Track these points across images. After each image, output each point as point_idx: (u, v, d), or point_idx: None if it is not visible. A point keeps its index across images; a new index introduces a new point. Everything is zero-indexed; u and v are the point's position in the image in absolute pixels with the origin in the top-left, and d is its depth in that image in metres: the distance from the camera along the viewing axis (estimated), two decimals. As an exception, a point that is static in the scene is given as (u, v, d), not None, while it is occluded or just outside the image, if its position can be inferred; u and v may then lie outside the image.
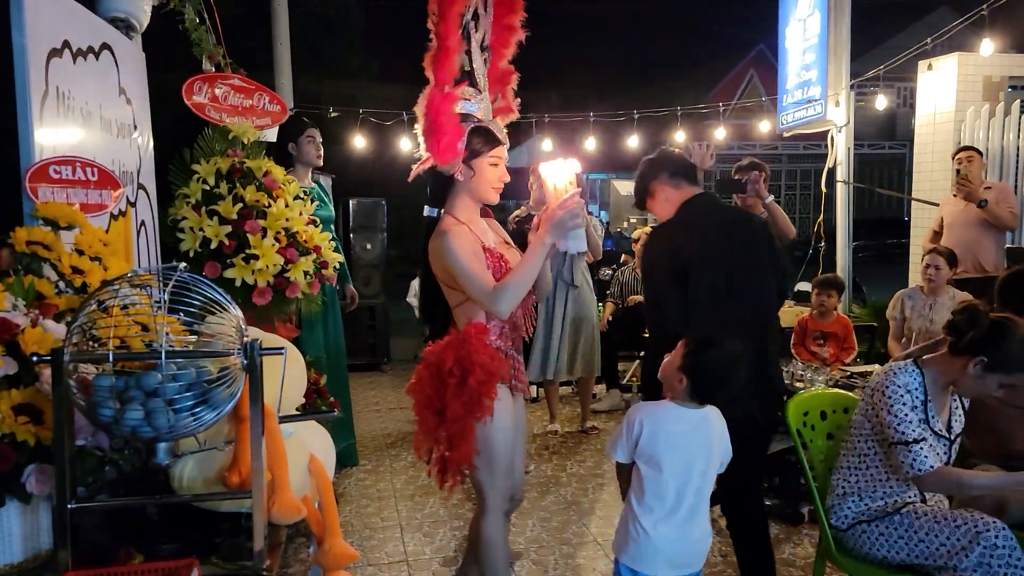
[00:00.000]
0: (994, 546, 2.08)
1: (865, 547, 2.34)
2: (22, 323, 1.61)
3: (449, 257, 2.18)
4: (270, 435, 1.54)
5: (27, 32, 2.00)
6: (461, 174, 2.26)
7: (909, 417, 2.27)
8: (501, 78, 2.38)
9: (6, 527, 1.55)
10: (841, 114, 6.43)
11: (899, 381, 2.32)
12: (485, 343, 2.20)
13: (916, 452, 2.24)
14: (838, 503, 2.43)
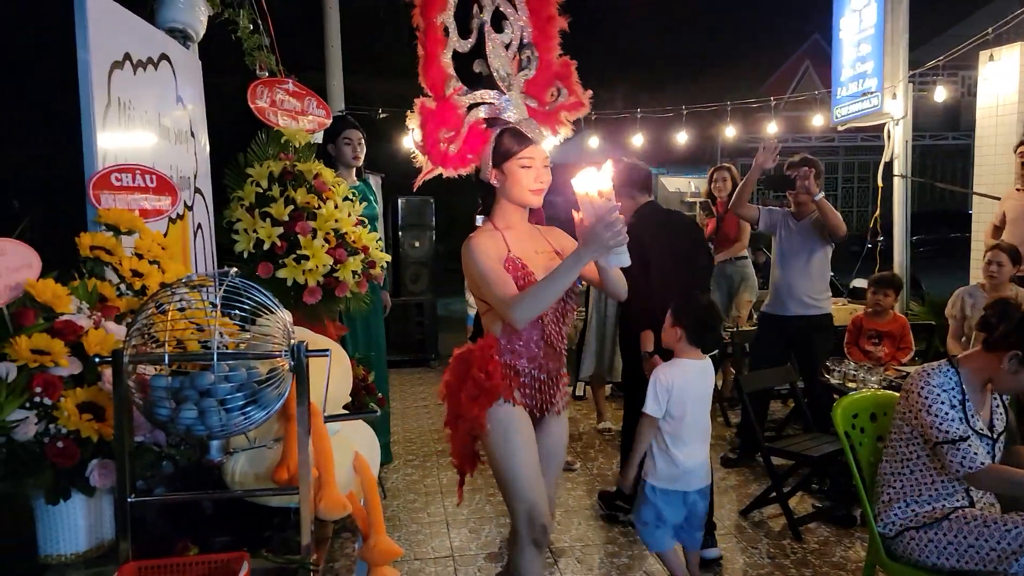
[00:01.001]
0: None
1: (915, 554, 2.31)
2: (86, 325, 1.69)
3: (470, 261, 2.18)
4: (316, 433, 1.60)
5: (90, 47, 2.09)
6: (495, 179, 2.24)
7: (950, 416, 2.25)
8: (560, 72, 2.31)
9: (72, 518, 1.64)
10: (899, 106, 6.27)
11: (934, 381, 2.30)
12: (489, 357, 2.18)
13: (965, 450, 2.21)
14: (884, 510, 2.40)
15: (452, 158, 2.20)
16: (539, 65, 2.27)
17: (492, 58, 2.23)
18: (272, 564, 1.55)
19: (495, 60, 2.23)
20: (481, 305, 2.27)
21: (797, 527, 3.44)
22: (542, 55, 2.27)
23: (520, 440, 2.20)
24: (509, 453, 2.18)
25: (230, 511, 1.74)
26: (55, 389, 1.56)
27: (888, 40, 6.22)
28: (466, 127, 2.20)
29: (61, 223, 2.09)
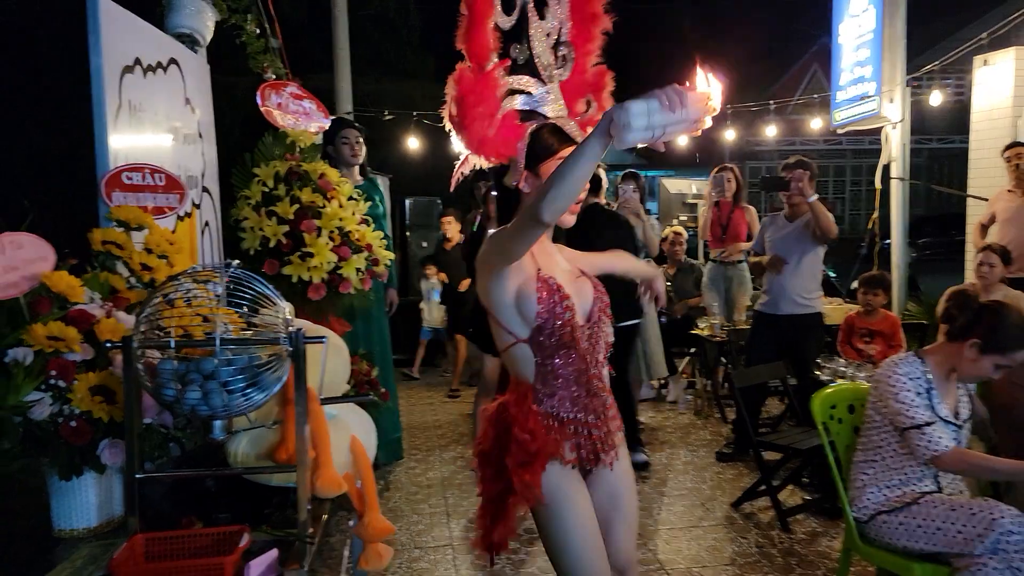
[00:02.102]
0: (1009, 532, 2.14)
1: (886, 537, 2.41)
2: (98, 314, 1.80)
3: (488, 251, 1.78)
4: (313, 416, 1.70)
5: (103, 53, 2.21)
6: (526, 183, 1.83)
7: (916, 402, 2.38)
8: (593, 82, 1.99)
9: (84, 495, 1.75)
10: (896, 110, 6.34)
11: (901, 371, 2.43)
12: (530, 410, 1.79)
13: (930, 434, 2.33)
14: (858, 495, 2.50)
15: (490, 142, 1.82)
16: (574, 68, 1.96)
17: (535, 42, 1.89)
18: (271, 537, 1.65)
19: (537, 45, 1.90)
20: (500, 339, 1.85)
21: (785, 518, 3.53)
22: (579, 58, 1.96)
23: (575, 513, 1.80)
24: (564, 531, 1.78)
25: (233, 490, 1.84)
26: (69, 373, 1.67)
27: (886, 45, 6.30)
28: (501, 113, 1.84)
29: (75, 219, 2.20)
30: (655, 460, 4.54)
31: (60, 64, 2.27)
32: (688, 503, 3.86)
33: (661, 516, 3.70)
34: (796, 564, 3.18)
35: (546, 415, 1.80)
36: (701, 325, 5.39)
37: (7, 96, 5.51)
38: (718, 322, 5.25)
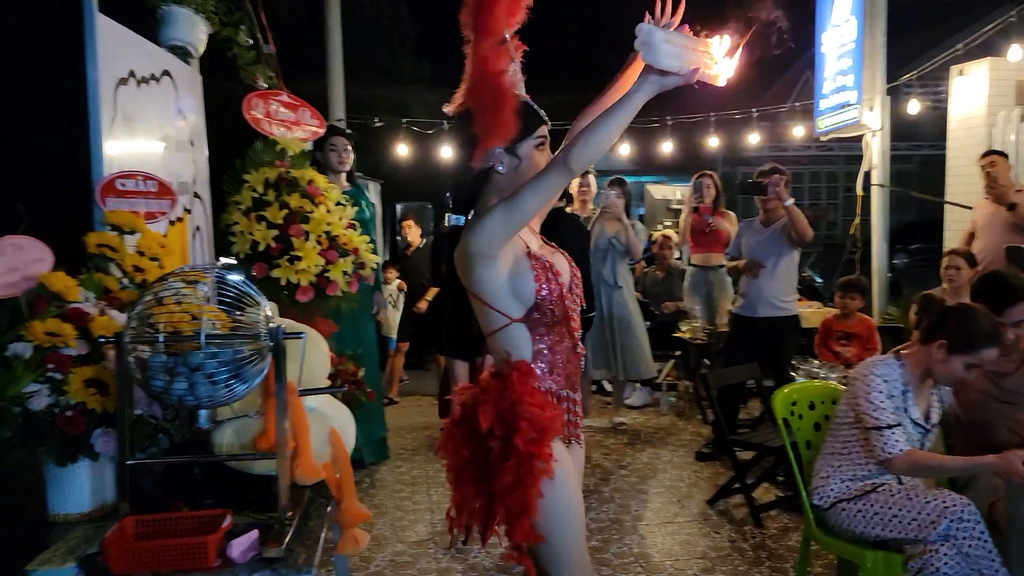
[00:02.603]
0: (960, 519, 2.28)
1: (844, 524, 2.54)
2: (92, 312, 1.92)
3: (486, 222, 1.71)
4: (292, 407, 1.82)
5: (99, 66, 2.33)
6: (503, 164, 1.79)
7: (884, 404, 2.48)
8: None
9: (78, 481, 1.86)
10: (876, 118, 6.49)
11: (877, 371, 2.53)
12: (532, 388, 1.75)
13: (888, 436, 2.45)
14: (821, 485, 2.62)
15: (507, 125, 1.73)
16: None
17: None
18: (252, 520, 1.77)
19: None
20: (489, 321, 1.79)
21: (758, 514, 3.65)
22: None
23: (573, 490, 1.81)
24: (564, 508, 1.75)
25: (218, 478, 1.96)
26: (65, 366, 1.79)
27: (866, 55, 6.44)
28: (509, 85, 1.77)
29: (71, 223, 2.32)
30: (635, 459, 4.66)
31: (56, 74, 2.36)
32: (664, 500, 3.99)
33: (637, 512, 3.82)
34: (766, 557, 3.31)
35: (547, 392, 1.79)
36: (683, 328, 5.51)
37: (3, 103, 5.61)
38: (700, 325, 5.38)
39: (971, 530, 2.27)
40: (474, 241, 1.71)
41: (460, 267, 1.78)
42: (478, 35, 1.71)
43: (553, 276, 1.80)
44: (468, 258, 1.74)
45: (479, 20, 1.70)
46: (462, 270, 1.78)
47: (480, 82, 1.72)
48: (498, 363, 1.82)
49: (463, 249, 1.74)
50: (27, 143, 2.59)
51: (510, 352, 1.79)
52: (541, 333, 1.79)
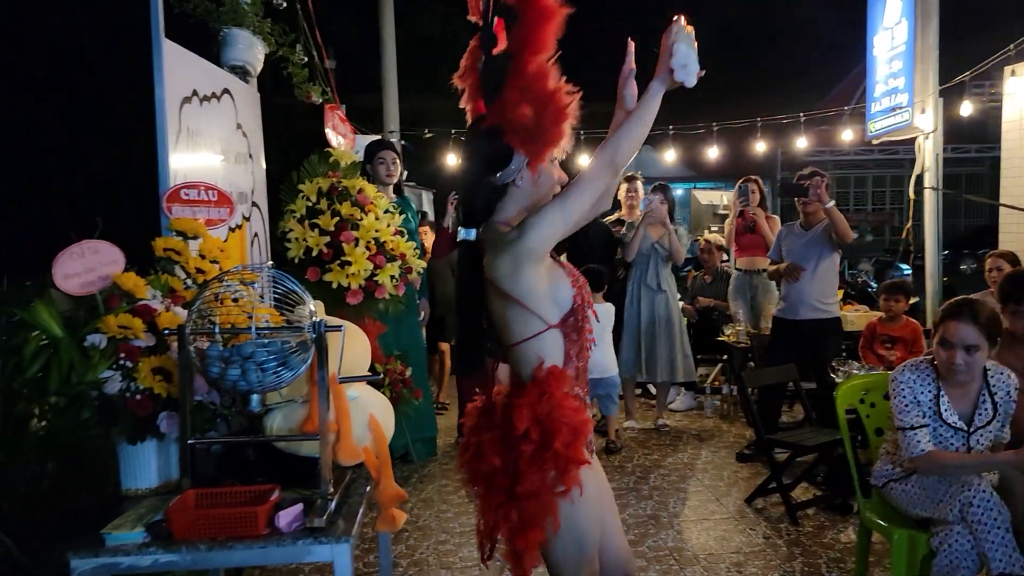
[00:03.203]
0: (971, 503, 2.39)
1: (894, 502, 2.72)
2: (159, 308, 2.14)
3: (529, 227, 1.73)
4: (334, 394, 2.00)
5: (165, 86, 2.57)
6: (523, 177, 1.82)
7: (909, 408, 2.57)
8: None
9: (146, 460, 2.08)
10: (928, 121, 6.43)
11: (905, 376, 2.63)
12: (568, 392, 1.76)
13: (910, 438, 2.54)
14: (878, 467, 2.80)
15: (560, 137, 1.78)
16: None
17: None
18: (298, 495, 1.95)
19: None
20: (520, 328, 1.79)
21: (795, 512, 3.71)
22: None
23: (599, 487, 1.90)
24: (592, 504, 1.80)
25: (269, 459, 2.15)
26: (135, 355, 2.01)
27: (918, 56, 6.40)
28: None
29: (141, 228, 2.55)
30: (676, 459, 4.75)
31: (126, 94, 2.61)
32: (702, 498, 4.06)
33: (675, 509, 3.91)
34: (800, 553, 3.37)
35: (575, 398, 1.80)
36: (727, 332, 5.57)
37: (76, 120, 6.07)
38: (743, 329, 5.43)
39: (981, 514, 2.37)
40: (527, 241, 1.71)
41: (501, 271, 1.75)
42: (532, 52, 1.72)
43: (582, 283, 1.87)
44: (518, 259, 1.73)
45: (535, 37, 1.72)
46: (503, 274, 1.75)
47: (542, 98, 1.72)
48: (525, 371, 1.79)
49: (510, 251, 1.73)
50: (102, 157, 2.86)
51: (543, 358, 1.78)
52: (572, 339, 1.82)
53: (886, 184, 22.62)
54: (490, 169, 1.82)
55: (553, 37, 1.74)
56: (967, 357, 2.47)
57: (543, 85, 1.73)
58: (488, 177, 1.82)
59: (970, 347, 2.47)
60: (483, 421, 1.87)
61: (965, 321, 2.47)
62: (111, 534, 1.77)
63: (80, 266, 2.09)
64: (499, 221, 1.84)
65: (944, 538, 2.42)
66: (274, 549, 1.78)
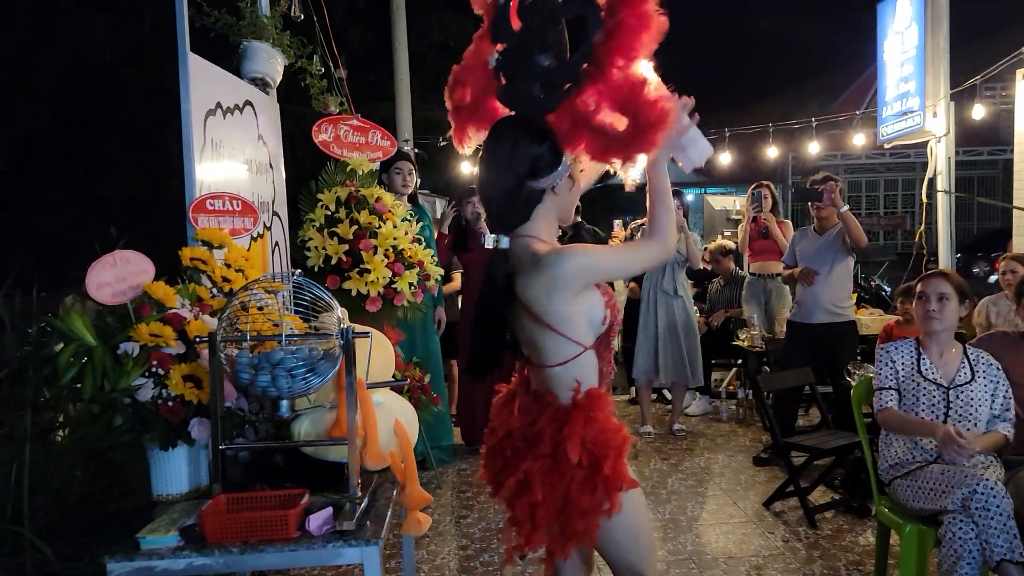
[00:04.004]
0: (974, 492, 2.45)
1: (900, 498, 2.80)
2: (188, 317, 2.19)
3: (581, 262, 1.72)
4: (361, 400, 2.04)
5: (191, 99, 2.62)
6: (560, 184, 1.78)
7: (884, 371, 2.90)
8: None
9: (177, 465, 2.12)
10: (940, 124, 6.44)
11: (889, 347, 2.93)
12: (609, 415, 1.76)
13: (880, 395, 2.89)
14: (882, 463, 2.93)
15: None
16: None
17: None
18: (327, 499, 1.99)
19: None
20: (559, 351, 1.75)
21: (813, 515, 3.72)
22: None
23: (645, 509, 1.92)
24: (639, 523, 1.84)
25: (296, 464, 2.19)
26: (166, 363, 2.05)
27: (929, 61, 6.41)
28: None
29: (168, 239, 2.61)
30: (693, 463, 4.76)
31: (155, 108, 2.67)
32: (720, 502, 4.08)
33: (693, 513, 3.93)
34: (819, 556, 3.38)
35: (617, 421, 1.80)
36: (741, 337, 5.58)
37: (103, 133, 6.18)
38: (758, 333, 5.44)
39: (983, 501, 2.42)
40: (564, 270, 1.69)
41: (532, 293, 1.72)
42: (628, 60, 1.64)
43: (612, 298, 1.83)
44: (552, 287, 1.70)
45: (626, 44, 1.63)
46: (535, 297, 1.72)
47: (633, 106, 1.63)
48: (564, 394, 1.76)
49: (544, 277, 1.70)
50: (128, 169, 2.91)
51: (580, 380, 1.75)
52: (603, 356, 1.82)
53: (897, 188, 22.57)
54: (533, 173, 1.74)
55: (647, 46, 1.64)
56: (939, 305, 2.81)
57: (637, 93, 1.63)
58: (529, 181, 1.74)
59: (942, 295, 2.82)
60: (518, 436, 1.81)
61: (937, 276, 2.88)
62: (146, 538, 1.81)
63: (112, 276, 2.13)
64: (530, 234, 1.78)
65: (948, 527, 2.48)
66: (305, 552, 1.82)
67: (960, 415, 2.77)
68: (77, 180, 8.72)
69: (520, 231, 1.78)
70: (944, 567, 2.48)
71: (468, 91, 1.90)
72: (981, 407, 2.78)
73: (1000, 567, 2.38)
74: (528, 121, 1.77)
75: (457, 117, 1.94)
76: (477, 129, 1.89)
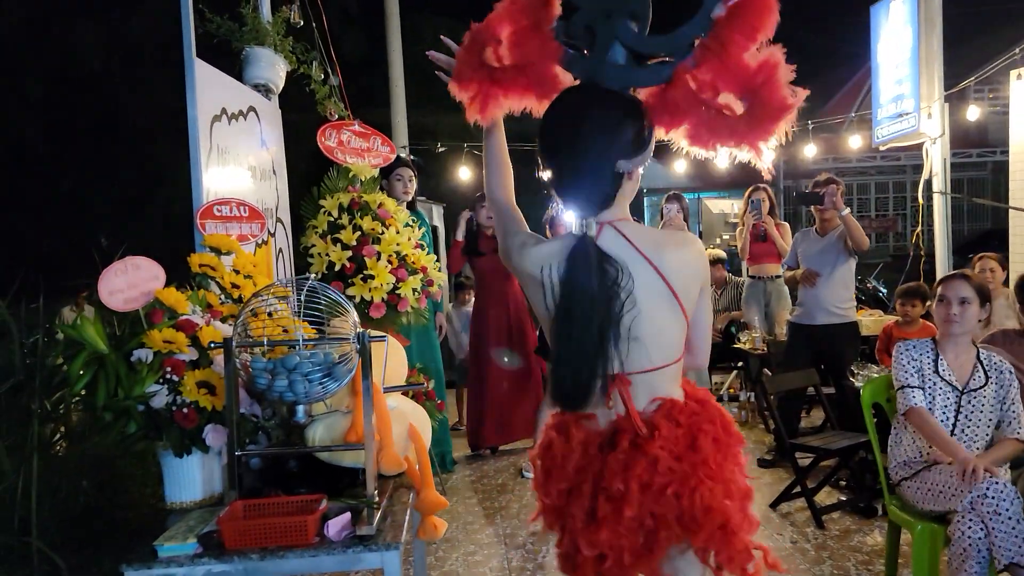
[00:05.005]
0: (984, 494, 2.45)
1: (909, 500, 2.81)
2: (200, 323, 2.17)
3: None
4: (377, 404, 2.03)
5: (197, 105, 2.61)
6: (636, 169, 1.62)
7: (909, 369, 2.86)
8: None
9: (191, 472, 2.10)
10: (935, 126, 6.47)
11: (908, 346, 2.93)
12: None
13: (906, 394, 2.83)
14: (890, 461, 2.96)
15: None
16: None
17: None
18: (345, 504, 1.97)
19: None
20: (679, 344, 1.62)
21: (820, 516, 3.72)
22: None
23: None
24: None
25: (311, 470, 2.17)
26: (180, 369, 2.03)
27: (923, 62, 6.45)
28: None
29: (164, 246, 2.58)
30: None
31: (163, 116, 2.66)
32: (727, 504, 4.07)
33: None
34: (828, 557, 3.38)
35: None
36: (743, 339, 5.59)
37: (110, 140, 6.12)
38: (759, 336, 5.45)
39: (994, 505, 2.42)
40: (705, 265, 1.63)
41: (695, 274, 1.59)
42: (749, 41, 1.51)
43: None
44: (700, 273, 1.61)
45: (756, 25, 1.50)
46: (696, 276, 1.60)
47: (769, 82, 1.50)
48: (677, 391, 1.62)
49: (699, 259, 1.61)
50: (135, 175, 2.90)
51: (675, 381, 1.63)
52: None
53: (888, 190, 22.69)
54: (624, 152, 1.55)
55: (766, 31, 1.51)
56: (960, 309, 2.81)
57: (771, 77, 1.50)
58: (620, 160, 1.56)
59: (963, 299, 2.81)
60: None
61: (959, 279, 2.87)
62: (163, 546, 1.79)
63: (123, 283, 2.12)
64: (613, 219, 1.59)
65: (957, 526, 2.49)
66: (325, 557, 1.80)
67: (969, 419, 2.78)
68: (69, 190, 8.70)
69: (604, 216, 1.58)
70: (953, 565, 2.49)
71: (510, 51, 1.66)
72: (991, 412, 2.79)
73: (1009, 569, 2.39)
74: (618, 94, 1.58)
75: (486, 80, 1.67)
76: (522, 97, 1.66)
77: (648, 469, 1.49)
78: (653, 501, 1.48)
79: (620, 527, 1.49)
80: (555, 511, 1.64)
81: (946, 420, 2.78)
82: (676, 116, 1.56)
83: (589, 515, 1.53)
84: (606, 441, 1.56)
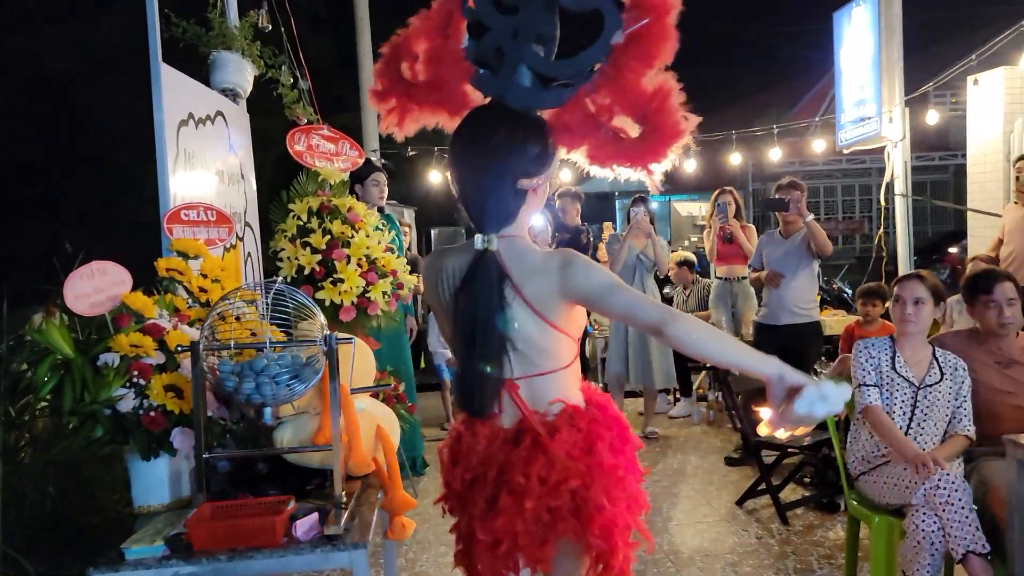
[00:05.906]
0: (936, 486, 2.53)
1: (867, 494, 2.90)
2: (167, 327, 2.18)
3: (596, 273, 1.58)
4: (345, 405, 2.05)
5: (164, 110, 2.62)
6: (540, 185, 1.66)
7: (867, 368, 2.94)
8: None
9: (159, 477, 2.10)
10: (896, 130, 6.63)
11: (867, 345, 3.01)
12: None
13: (863, 392, 2.92)
14: (848, 456, 3.05)
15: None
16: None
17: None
18: (313, 505, 2.00)
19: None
20: (562, 354, 1.65)
21: (784, 512, 3.79)
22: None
23: None
24: None
25: (281, 472, 2.19)
26: (147, 373, 2.04)
27: (884, 68, 6.61)
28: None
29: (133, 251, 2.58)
30: (666, 465, 4.82)
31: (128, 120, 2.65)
32: (694, 502, 4.14)
33: (668, 513, 3.99)
34: (791, 552, 3.45)
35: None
36: (710, 339, 5.66)
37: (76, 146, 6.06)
38: (726, 336, 5.53)
39: (946, 496, 2.50)
40: (592, 279, 1.57)
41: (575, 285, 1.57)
42: (645, 67, 1.56)
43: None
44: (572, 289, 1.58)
45: (653, 52, 1.55)
46: (576, 287, 1.57)
47: (667, 114, 1.55)
48: (575, 396, 1.69)
49: (586, 268, 1.57)
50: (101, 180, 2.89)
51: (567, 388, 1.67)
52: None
53: (855, 193, 23.04)
54: (527, 170, 1.61)
55: (663, 59, 1.56)
56: (915, 309, 2.92)
57: (663, 102, 1.55)
58: (522, 178, 1.61)
59: (918, 299, 2.92)
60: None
61: (913, 280, 2.98)
62: (131, 548, 1.80)
63: (89, 287, 2.12)
64: (516, 234, 1.65)
65: (911, 519, 2.56)
66: (293, 557, 1.82)
67: (925, 414, 2.87)
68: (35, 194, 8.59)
69: (505, 232, 1.62)
70: (907, 557, 2.56)
71: (424, 68, 1.72)
72: (945, 407, 2.88)
73: (965, 560, 2.46)
74: (523, 114, 1.63)
75: (403, 95, 1.75)
76: (435, 113, 1.74)
77: (547, 466, 1.58)
78: (550, 495, 1.57)
79: (518, 517, 1.57)
80: (458, 496, 1.77)
81: (903, 415, 2.87)
82: (576, 137, 1.63)
83: (489, 503, 1.62)
84: (511, 437, 1.64)
